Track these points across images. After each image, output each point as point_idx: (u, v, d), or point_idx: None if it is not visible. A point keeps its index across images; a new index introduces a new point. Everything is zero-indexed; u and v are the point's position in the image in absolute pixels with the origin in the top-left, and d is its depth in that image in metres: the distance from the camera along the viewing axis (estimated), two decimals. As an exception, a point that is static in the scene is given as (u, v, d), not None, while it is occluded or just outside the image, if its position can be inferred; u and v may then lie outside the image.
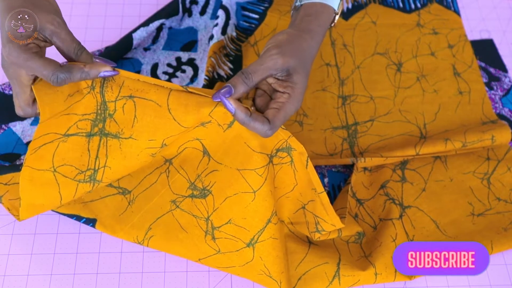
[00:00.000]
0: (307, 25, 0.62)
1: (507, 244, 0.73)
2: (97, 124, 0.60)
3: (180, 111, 0.59)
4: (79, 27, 0.90)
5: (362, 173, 0.79)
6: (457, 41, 0.93)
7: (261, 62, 0.58)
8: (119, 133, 0.60)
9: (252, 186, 0.62)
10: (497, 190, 0.79)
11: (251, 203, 0.63)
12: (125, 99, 0.59)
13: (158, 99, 0.59)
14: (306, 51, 0.60)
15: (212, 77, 0.84)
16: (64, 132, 0.60)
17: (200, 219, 0.66)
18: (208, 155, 0.64)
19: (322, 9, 0.63)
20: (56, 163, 0.62)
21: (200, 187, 0.65)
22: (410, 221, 0.75)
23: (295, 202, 0.68)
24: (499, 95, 0.89)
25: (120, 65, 0.85)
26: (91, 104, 0.59)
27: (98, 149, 0.61)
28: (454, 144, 0.79)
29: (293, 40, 0.60)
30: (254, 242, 0.64)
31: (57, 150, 0.61)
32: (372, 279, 0.69)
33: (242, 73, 0.58)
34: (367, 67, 0.90)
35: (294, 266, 0.69)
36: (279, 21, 0.87)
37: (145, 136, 0.60)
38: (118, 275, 0.69)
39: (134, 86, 0.59)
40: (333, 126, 0.83)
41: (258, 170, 0.61)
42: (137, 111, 0.59)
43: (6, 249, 0.70)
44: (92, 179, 0.62)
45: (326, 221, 0.66)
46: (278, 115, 0.57)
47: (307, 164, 0.62)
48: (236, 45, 0.88)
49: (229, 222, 0.64)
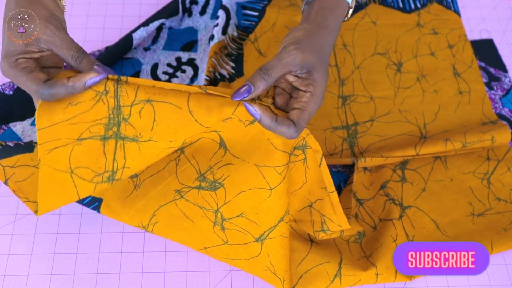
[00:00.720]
0: (323, 19, 0.60)
1: (507, 244, 0.73)
2: (111, 128, 0.58)
3: (202, 113, 0.57)
4: (79, 27, 0.90)
5: (362, 173, 0.79)
6: (457, 41, 0.93)
7: (279, 57, 0.56)
8: (137, 137, 0.59)
9: (270, 183, 0.61)
10: (497, 190, 0.79)
11: (266, 199, 0.62)
12: (143, 103, 0.57)
13: (178, 101, 0.57)
14: (324, 47, 0.59)
15: (214, 78, 0.84)
16: (77, 137, 0.58)
17: (208, 210, 0.65)
18: (224, 148, 0.62)
19: (336, 3, 0.61)
20: (73, 165, 0.60)
21: (211, 179, 0.64)
22: (410, 221, 0.75)
23: (302, 200, 0.67)
24: (499, 95, 0.89)
25: (120, 65, 0.85)
26: (102, 110, 0.57)
27: (115, 152, 0.60)
28: (454, 145, 0.79)
29: (311, 36, 0.58)
30: (263, 238, 0.64)
31: (72, 152, 0.59)
32: (373, 279, 0.69)
33: (261, 69, 0.56)
34: (367, 67, 0.90)
35: (296, 264, 0.69)
36: (278, 16, 0.87)
37: (165, 138, 0.59)
38: (118, 275, 0.69)
39: (151, 90, 0.57)
40: (333, 126, 0.83)
41: (278, 168, 0.60)
42: (156, 114, 0.57)
43: (6, 249, 0.70)
44: (111, 179, 0.61)
45: (333, 221, 0.65)
46: (302, 116, 0.56)
47: (321, 162, 0.62)
48: (238, 44, 0.88)
49: (241, 215, 0.63)
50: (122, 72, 0.85)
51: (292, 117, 0.56)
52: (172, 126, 0.58)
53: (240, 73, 0.85)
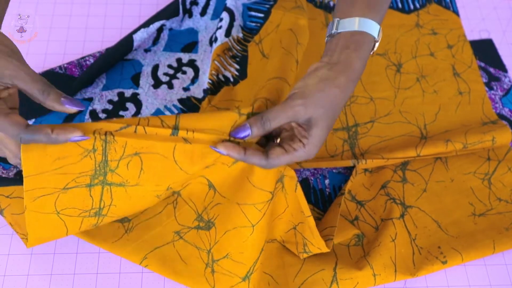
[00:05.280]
0: (347, 58, 0.58)
1: (509, 244, 0.73)
2: (97, 177, 0.59)
3: (186, 162, 0.59)
4: (79, 27, 0.90)
5: (363, 175, 0.78)
6: (456, 41, 0.94)
7: (284, 109, 0.56)
8: (123, 183, 0.60)
9: (251, 220, 0.63)
10: (498, 191, 0.79)
11: (249, 237, 0.63)
12: (130, 157, 0.58)
13: (164, 152, 0.58)
14: (334, 102, 0.57)
15: (217, 80, 0.84)
16: (62, 186, 0.59)
17: (203, 251, 0.66)
18: (214, 189, 0.65)
19: (362, 39, 0.59)
20: (59, 208, 0.60)
21: (206, 219, 0.66)
22: (412, 220, 0.74)
23: (287, 223, 0.69)
24: (499, 95, 0.89)
25: (121, 67, 0.85)
26: (89, 164, 0.58)
27: (102, 194, 0.61)
28: (454, 145, 0.79)
29: (323, 89, 0.56)
30: (249, 274, 0.65)
31: (58, 199, 0.60)
32: (371, 281, 0.68)
33: (262, 118, 0.57)
34: (366, 68, 0.89)
35: (292, 278, 0.69)
36: (283, 18, 0.87)
37: (151, 183, 0.61)
38: (118, 275, 0.69)
39: (138, 145, 0.58)
40: (334, 127, 0.83)
41: (257, 205, 0.62)
42: (143, 164, 0.59)
43: (6, 249, 0.69)
44: (98, 214, 0.62)
45: (313, 244, 0.67)
46: (281, 156, 0.57)
47: (296, 188, 0.63)
48: (243, 45, 0.88)
49: (226, 257, 0.65)
50: (123, 73, 0.85)
51: (271, 153, 0.57)
52: (158, 173, 0.60)
53: (244, 75, 0.85)
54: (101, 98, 0.82)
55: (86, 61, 0.85)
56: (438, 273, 0.72)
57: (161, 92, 0.83)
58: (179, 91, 0.84)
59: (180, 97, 0.83)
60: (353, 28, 0.59)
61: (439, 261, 0.70)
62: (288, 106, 0.56)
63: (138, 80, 0.84)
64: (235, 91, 0.83)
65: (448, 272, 0.72)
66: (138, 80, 0.84)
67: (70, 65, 0.85)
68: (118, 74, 0.84)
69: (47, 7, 0.92)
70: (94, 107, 0.81)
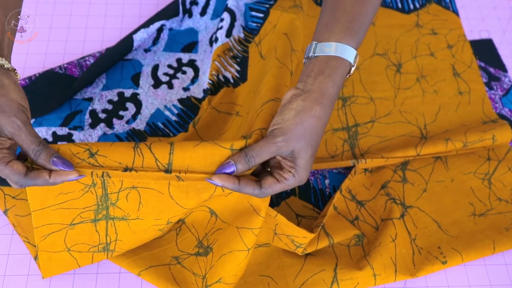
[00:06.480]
0: (321, 85, 0.59)
1: (509, 244, 0.73)
2: (101, 212, 0.62)
3: (182, 197, 0.61)
4: (79, 27, 0.90)
5: (363, 175, 0.78)
6: (456, 41, 0.94)
7: (266, 146, 0.58)
8: (125, 216, 0.62)
9: (247, 244, 0.64)
10: (498, 190, 0.79)
11: (243, 259, 0.65)
12: (129, 189, 0.61)
13: (160, 188, 0.60)
14: (313, 132, 0.58)
15: (217, 81, 0.84)
16: (69, 222, 0.62)
17: (199, 276, 0.67)
18: (215, 215, 0.67)
19: (338, 64, 0.60)
20: (69, 245, 0.64)
21: (206, 244, 0.68)
22: (412, 220, 0.74)
23: (268, 231, 0.69)
24: (499, 95, 0.89)
25: (121, 67, 0.85)
26: (91, 198, 0.61)
27: (107, 229, 0.63)
28: (455, 144, 0.79)
29: (302, 122, 0.57)
30: None
31: (67, 236, 0.63)
32: (372, 281, 0.68)
33: (246, 154, 0.58)
34: (366, 68, 0.90)
35: (292, 278, 0.69)
36: (280, 18, 0.87)
37: (151, 217, 0.62)
38: (118, 275, 0.69)
39: (134, 180, 0.60)
40: (334, 127, 0.83)
41: (254, 230, 0.64)
42: (141, 198, 0.61)
43: (6, 249, 0.69)
44: (106, 249, 0.65)
45: (297, 236, 0.67)
46: (274, 186, 0.58)
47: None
48: (244, 46, 0.87)
49: (219, 281, 0.65)
50: (123, 73, 0.85)
51: (263, 183, 0.59)
52: (157, 207, 0.62)
53: (244, 78, 0.85)
54: (101, 98, 0.82)
55: (86, 61, 0.85)
56: (438, 273, 0.72)
57: (161, 92, 0.83)
58: (179, 91, 0.84)
59: (180, 97, 0.83)
60: (330, 52, 0.60)
61: (439, 261, 0.70)
62: (270, 143, 0.58)
63: (138, 80, 0.84)
64: (236, 93, 0.83)
65: (448, 272, 0.72)
66: (138, 80, 0.84)
67: (70, 65, 0.85)
68: (118, 74, 0.85)
69: (47, 7, 0.92)
70: (94, 107, 0.81)
